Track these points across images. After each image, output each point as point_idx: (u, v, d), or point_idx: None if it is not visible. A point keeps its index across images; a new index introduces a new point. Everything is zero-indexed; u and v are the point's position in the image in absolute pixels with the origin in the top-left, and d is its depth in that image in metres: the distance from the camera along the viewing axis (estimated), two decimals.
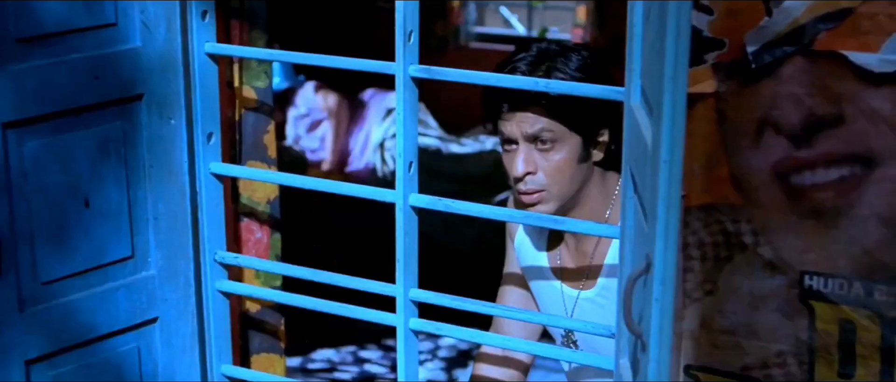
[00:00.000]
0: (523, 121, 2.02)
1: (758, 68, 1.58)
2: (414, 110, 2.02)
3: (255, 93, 2.33)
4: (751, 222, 1.64)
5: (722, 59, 1.61)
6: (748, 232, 1.65)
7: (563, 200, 2.06)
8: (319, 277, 2.19)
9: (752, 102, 1.60)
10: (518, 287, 2.31)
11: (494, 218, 2.09)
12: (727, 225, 1.66)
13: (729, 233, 1.66)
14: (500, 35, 6.92)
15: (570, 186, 2.06)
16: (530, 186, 2.04)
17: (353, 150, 5.81)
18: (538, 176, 2.04)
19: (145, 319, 2.18)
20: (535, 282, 2.26)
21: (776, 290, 1.64)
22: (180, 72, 2.12)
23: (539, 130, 2.01)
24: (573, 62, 2.03)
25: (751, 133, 1.61)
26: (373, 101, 5.85)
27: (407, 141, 2.02)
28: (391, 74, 2.00)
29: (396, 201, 2.05)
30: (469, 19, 6.74)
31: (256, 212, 2.39)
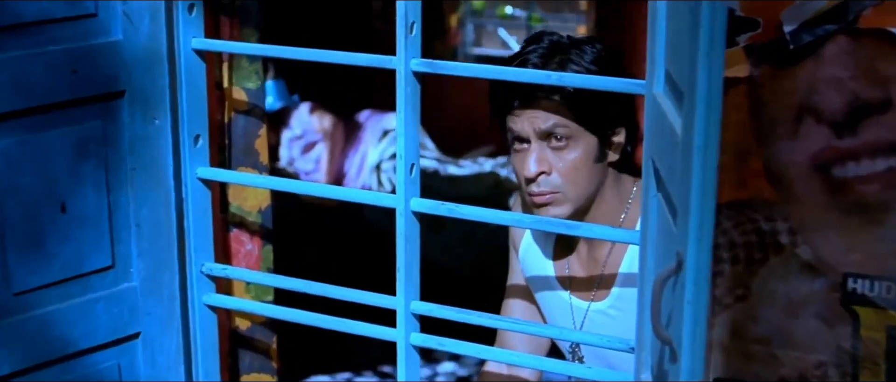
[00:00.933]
0: (536, 117, 1.88)
1: (796, 49, 1.44)
2: (415, 108, 1.88)
3: (245, 94, 2.20)
4: (787, 220, 1.50)
5: (756, 40, 1.47)
6: (784, 231, 1.50)
7: (577, 202, 1.92)
8: (314, 289, 2.04)
9: (790, 87, 1.45)
10: (523, 300, 2.17)
11: (501, 223, 1.95)
12: (761, 224, 1.51)
13: (763, 232, 1.51)
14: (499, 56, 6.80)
15: (586, 187, 1.91)
16: (543, 187, 1.90)
17: (348, 172, 5.66)
18: (552, 177, 1.90)
19: (127, 334, 2.03)
20: (540, 293, 2.11)
21: (816, 294, 1.49)
22: (165, 68, 1.98)
23: (553, 126, 1.87)
24: (588, 55, 1.89)
25: (788, 121, 1.47)
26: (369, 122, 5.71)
27: (408, 142, 1.88)
28: (391, 69, 1.87)
29: (397, 205, 1.91)
30: (467, 40, 6.62)
31: (247, 222, 2.25)
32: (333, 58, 1.93)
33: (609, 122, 1.91)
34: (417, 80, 1.87)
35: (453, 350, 1.98)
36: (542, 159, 1.89)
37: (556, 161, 1.90)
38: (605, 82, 1.76)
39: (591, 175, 1.92)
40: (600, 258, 2.01)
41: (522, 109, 1.89)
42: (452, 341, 1.96)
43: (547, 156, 1.90)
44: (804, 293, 1.50)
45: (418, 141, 1.91)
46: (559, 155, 1.89)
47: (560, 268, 2.07)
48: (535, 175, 1.89)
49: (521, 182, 1.93)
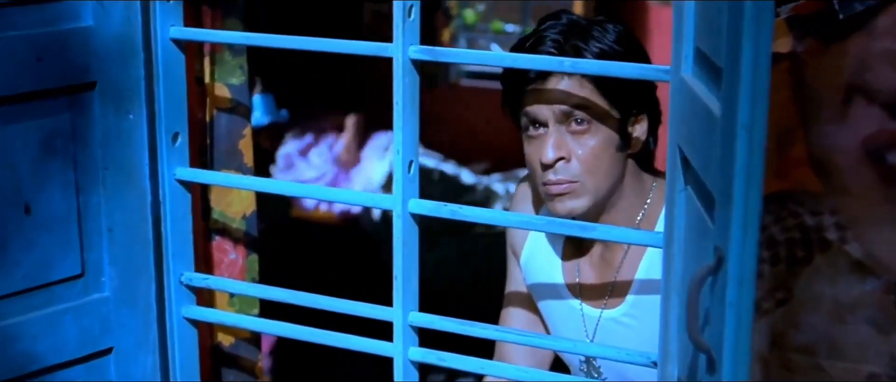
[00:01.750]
0: (554, 95, 1.72)
1: (846, 20, 1.28)
2: (414, 100, 1.72)
3: (228, 91, 2.03)
4: (835, 214, 1.34)
5: (799, 11, 1.32)
6: (831, 226, 1.34)
7: (597, 195, 1.76)
8: (304, 300, 1.87)
9: (838, 64, 1.30)
10: (524, 310, 2.01)
11: (509, 226, 1.79)
12: (805, 218, 1.35)
13: (807, 228, 1.35)
14: (492, 73, 6.64)
15: (607, 178, 1.76)
16: (562, 175, 1.73)
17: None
18: (571, 164, 1.74)
19: (98, 349, 1.85)
20: (546, 302, 1.95)
21: (867, 297, 1.33)
22: (140, 59, 1.82)
23: (574, 105, 1.71)
24: (610, 34, 1.74)
25: (835, 102, 1.31)
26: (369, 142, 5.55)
27: (406, 137, 1.72)
28: (389, 57, 1.71)
29: (393, 207, 1.74)
30: None
31: (230, 229, 2.08)
32: (325, 46, 1.77)
33: (632, 104, 1.75)
34: (416, 69, 1.71)
35: (455, 366, 1.81)
36: (560, 144, 1.74)
37: (576, 147, 1.74)
38: (624, 69, 1.60)
39: (611, 165, 1.76)
40: (614, 262, 1.85)
41: (540, 84, 1.73)
42: (454, 356, 1.79)
43: (566, 141, 1.74)
44: (854, 296, 1.33)
45: (417, 136, 1.74)
46: (579, 140, 1.74)
47: (570, 274, 1.91)
48: (553, 161, 1.73)
49: (536, 171, 1.77)
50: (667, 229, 1.51)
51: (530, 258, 1.96)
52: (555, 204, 1.76)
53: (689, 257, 1.41)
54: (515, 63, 1.66)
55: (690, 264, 1.39)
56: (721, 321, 1.16)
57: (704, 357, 1.26)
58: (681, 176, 1.44)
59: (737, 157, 1.11)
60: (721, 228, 1.17)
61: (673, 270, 1.49)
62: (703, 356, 1.27)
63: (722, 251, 1.16)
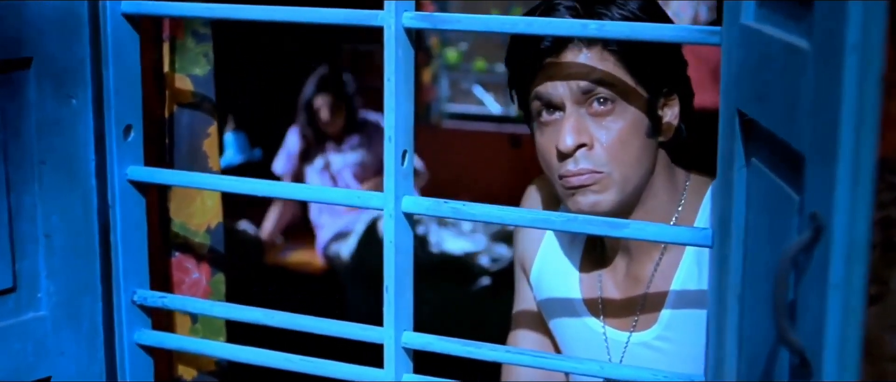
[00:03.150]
0: (571, 70, 1.45)
1: None
2: (408, 77, 1.45)
3: (191, 83, 1.76)
4: None
5: None
6: None
7: (625, 189, 1.49)
8: (279, 321, 1.59)
9: None
10: (534, 332, 1.74)
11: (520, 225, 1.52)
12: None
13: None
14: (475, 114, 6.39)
15: (636, 169, 1.49)
16: (583, 164, 1.47)
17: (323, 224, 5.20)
18: (594, 151, 1.47)
19: (32, 379, 1.56)
20: (560, 321, 1.67)
21: None
22: (86, 34, 1.54)
23: (596, 81, 1.45)
24: (633, 0, 1.48)
25: None
26: None
27: (399, 120, 1.45)
28: (378, 26, 1.44)
29: (384, 205, 1.47)
30: (442, 96, 6.21)
31: (192, 244, 1.80)
32: (306, 16, 1.50)
33: (663, 81, 1.49)
34: (410, 39, 1.44)
35: None
36: (580, 129, 1.47)
37: (599, 131, 1.47)
38: (661, 31, 1.33)
39: (641, 153, 1.49)
40: (644, 275, 1.58)
41: (556, 58, 1.47)
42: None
43: (587, 125, 1.48)
44: None
45: (411, 120, 1.47)
46: (602, 124, 1.47)
47: (589, 288, 1.63)
48: (573, 148, 1.46)
49: (551, 163, 1.50)
50: (718, 222, 1.25)
51: (542, 270, 1.69)
52: (576, 199, 1.50)
53: (757, 246, 1.14)
54: (530, 28, 1.39)
55: (760, 255, 1.12)
56: (820, 310, 0.89)
57: (789, 361, 0.98)
58: (740, 149, 1.18)
59: (844, 90, 0.85)
60: (817, 189, 0.90)
61: (730, 269, 1.21)
62: (786, 360, 1.00)
63: (820, 219, 0.89)
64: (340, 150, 5.11)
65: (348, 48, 6.15)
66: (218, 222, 1.81)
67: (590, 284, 1.65)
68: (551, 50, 1.49)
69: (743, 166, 1.18)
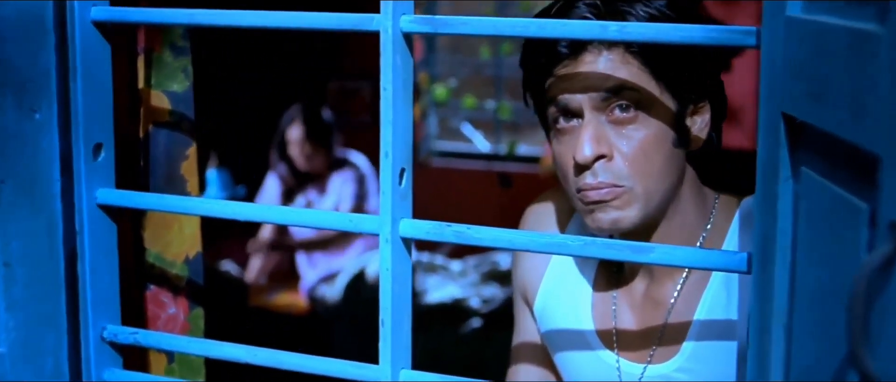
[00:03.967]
0: (592, 75, 1.32)
1: None
2: (406, 87, 1.31)
3: (168, 100, 1.62)
4: None
5: None
6: None
7: (649, 205, 1.35)
8: (265, 359, 1.44)
9: None
10: (538, 367, 1.59)
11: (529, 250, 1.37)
12: None
13: None
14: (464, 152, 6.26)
15: (661, 182, 1.35)
16: (603, 177, 1.33)
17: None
18: (615, 162, 1.33)
19: None
20: (568, 354, 1.53)
21: None
22: (51, 42, 1.41)
23: (617, 86, 1.31)
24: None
25: None
26: None
27: (397, 134, 1.31)
28: (374, 31, 1.30)
29: (379, 230, 1.33)
30: (430, 134, 6.07)
31: (169, 276, 1.65)
32: (297, 21, 1.36)
33: (693, 87, 1.36)
34: (409, 45, 1.30)
35: None
36: (600, 138, 1.34)
37: (620, 141, 1.34)
38: (690, 32, 1.19)
39: (667, 166, 1.36)
40: (664, 298, 1.44)
41: (573, 60, 1.33)
42: None
43: (607, 134, 1.34)
44: None
45: (411, 135, 1.33)
46: (624, 132, 1.34)
47: (602, 314, 1.49)
48: (591, 159, 1.33)
49: (568, 174, 1.37)
50: (759, 243, 1.11)
51: (549, 297, 1.55)
52: (595, 215, 1.36)
53: (809, 268, 1.00)
54: (542, 31, 1.25)
55: (812, 277, 0.98)
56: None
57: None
58: (786, 158, 1.04)
59: None
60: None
61: (774, 295, 1.07)
62: None
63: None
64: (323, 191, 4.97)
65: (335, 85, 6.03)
66: (197, 252, 1.67)
67: (603, 309, 1.51)
68: (569, 53, 1.36)
69: (789, 177, 1.04)
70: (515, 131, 6.16)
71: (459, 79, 6.24)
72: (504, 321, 4.76)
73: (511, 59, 5.88)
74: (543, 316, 1.58)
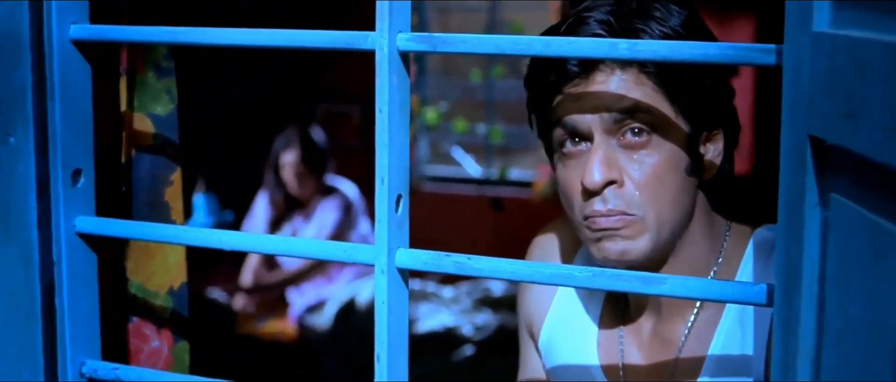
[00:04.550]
0: (603, 95, 1.25)
1: None
2: (404, 109, 1.24)
3: (151, 123, 1.55)
4: None
5: None
6: None
7: (661, 235, 1.28)
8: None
9: None
10: None
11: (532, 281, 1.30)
12: None
13: None
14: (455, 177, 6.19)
15: (673, 211, 1.28)
16: (613, 204, 1.26)
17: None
18: (625, 190, 1.26)
19: None
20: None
21: None
22: (27, 62, 1.33)
23: (630, 107, 1.24)
24: (675, 16, 1.28)
25: None
26: None
27: (393, 159, 1.24)
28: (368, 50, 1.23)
29: (375, 260, 1.25)
30: (421, 158, 6.01)
31: (152, 308, 1.58)
32: (287, 39, 1.29)
33: (708, 113, 1.29)
34: (406, 64, 1.23)
35: None
36: (610, 163, 1.26)
37: (632, 167, 1.27)
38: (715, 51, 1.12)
39: (679, 193, 1.29)
40: (675, 337, 1.36)
41: (581, 86, 1.26)
42: None
43: (617, 158, 1.27)
44: None
45: (407, 160, 1.26)
46: (636, 158, 1.27)
47: (608, 351, 1.42)
48: (601, 185, 1.26)
49: (574, 201, 1.29)
50: (783, 275, 1.03)
51: (554, 332, 1.48)
52: (602, 245, 1.29)
53: (842, 301, 0.93)
54: (548, 50, 1.18)
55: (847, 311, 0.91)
56: None
57: None
58: (813, 184, 0.97)
59: None
60: None
61: (800, 330, 1.00)
62: None
63: None
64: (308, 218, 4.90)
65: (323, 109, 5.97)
66: (182, 282, 1.59)
67: (609, 346, 1.43)
68: (579, 71, 1.29)
69: (816, 204, 0.97)
70: (507, 155, 6.09)
71: (450, 102, 6.18)
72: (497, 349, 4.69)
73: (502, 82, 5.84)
74: (549, 351, 1.51)
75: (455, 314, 4.91)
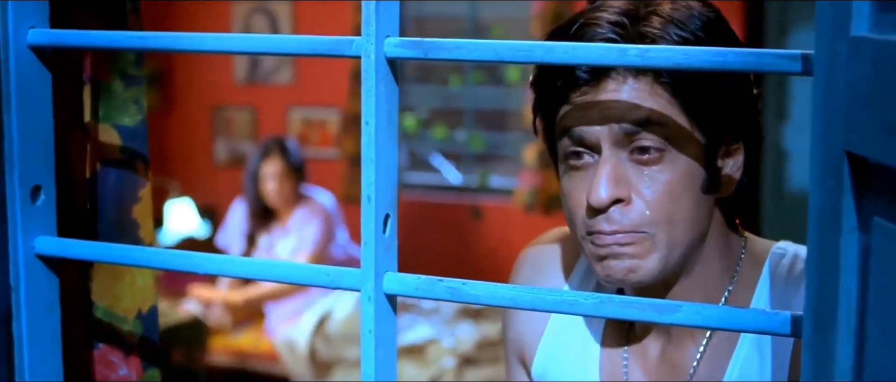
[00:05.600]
0: (614, 105, 1.16)
1: None
2: (392, 120, 1.15)
3: (118, 135, 1.45)
4: None
5: None
6: None
7: (672, 256, 1.19)
8: None
9: None
10: None
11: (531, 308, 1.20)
12: None
13: None
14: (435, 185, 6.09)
15: (686, 230, 1.19)
16: (620, 223, 1.16)
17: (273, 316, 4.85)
18: (635, 207, 1.17)
19: None
20: None
21: None
22: None
23: (643, 119, 1.15)
24: (695, 19, 1.19)
25: None
26: None
27: (380, 175, 1.14)
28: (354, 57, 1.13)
29: (361, 285, 1.15)
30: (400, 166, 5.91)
31: (120, 333, 1.47)
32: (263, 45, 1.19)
33: (728, 125, 1.19)
34: (394, 72, 1.13)
35: None
36: (619, 179, 1.17)
37: (642, 183, 1.17)
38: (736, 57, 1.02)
39: (694, 212, 1.19)
40: (685, 362, 1.27)
41: (590, 96, 1.17)
42: None
43: (627, 174, 1.17)
44: None
45: (396, 176, 1.16)
46: (647, 173, 1.17)
47: (610, 374, 1.33)
48: (607, 203, 1.16)
49: (578, 217, 1.20)
50: (815, 304, 0.94)
51: (550, 359, 1.38)
52: (607, 263, 1.19)
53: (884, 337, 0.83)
54: (551, 56, 1.08)
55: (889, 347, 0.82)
56: None
57: None
58: (851, 206, 0.88)
59: None
60: None
61: (836, 366, 0.90)
62: None
63: None
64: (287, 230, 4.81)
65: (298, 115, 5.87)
66: (151, 306, 1.49)
67: (612, 369, 1.34)
68: (589, 79, 1.19)
69: (854, 228, 0.88)
70: (487, 163, 5.99)
71: (429, 109, 6.08)
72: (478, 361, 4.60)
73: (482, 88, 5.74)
74: (544, 375, 1.41)
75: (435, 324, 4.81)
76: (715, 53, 1.03)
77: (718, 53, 1.03)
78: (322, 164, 5.76)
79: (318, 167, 5.56)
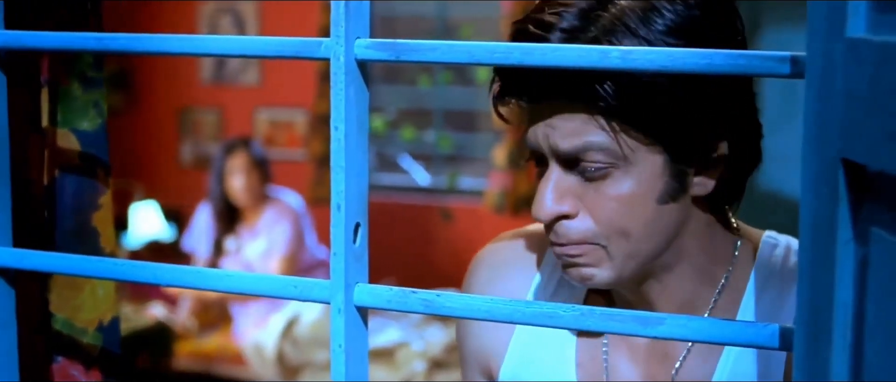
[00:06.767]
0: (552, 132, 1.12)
1: None
2: (362, 125, 1.10)
3: (77, 140, 1.39)
4: None
5: None
6: None
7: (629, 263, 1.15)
8: None
9: None
10: None
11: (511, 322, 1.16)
12: None
13: None
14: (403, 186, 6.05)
15: (645, 241, 1.15)
16: (567, 236, 1.12)
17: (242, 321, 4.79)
18: (582, 220, 1.13)
19: None
20: None
21: None
22: None
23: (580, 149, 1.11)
24: (660, 20, 1.13)
25: None
26: None
27: (350, 182, 1.09)
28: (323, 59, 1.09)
29: (331, 298, 1.10)
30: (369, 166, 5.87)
31: (80, 346, 1.42)
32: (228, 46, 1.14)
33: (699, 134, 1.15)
34: (364, 74, 1.09)
35: None
36: (565, 194, 1.13)
37: (590, 198, 1.13)
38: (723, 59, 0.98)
39: (654, 222, 1.15)
40: (673, 353, 1.23)
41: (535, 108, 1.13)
42: None
43: (574, 189, 1.13)
44: None
45: (366, 184, 1.11)
46: (595, 188, 1.14)
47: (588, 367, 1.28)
48: (550, 219, 1.12)
49: None
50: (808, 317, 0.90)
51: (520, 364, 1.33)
52: (567, 270, 1.17)
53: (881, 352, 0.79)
54: (529, 58, 1.04)
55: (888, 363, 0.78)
56: None
57: None
58: (846, 216, 0.84)
59: None
60: None
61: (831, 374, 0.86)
62: None
63: None
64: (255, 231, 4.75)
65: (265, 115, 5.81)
66: (113, 317, 1.44)
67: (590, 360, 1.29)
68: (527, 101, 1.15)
69: (850, 239, 0.83)
70: (456, 164, 5.95)
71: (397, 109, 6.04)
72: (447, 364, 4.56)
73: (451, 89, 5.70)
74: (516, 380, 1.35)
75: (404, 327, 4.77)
76: (700, 55, 0.99)
77: (704, 54, 0.99)
78: (289, 165, 5.71)
79: (285, 169, 5.51)
